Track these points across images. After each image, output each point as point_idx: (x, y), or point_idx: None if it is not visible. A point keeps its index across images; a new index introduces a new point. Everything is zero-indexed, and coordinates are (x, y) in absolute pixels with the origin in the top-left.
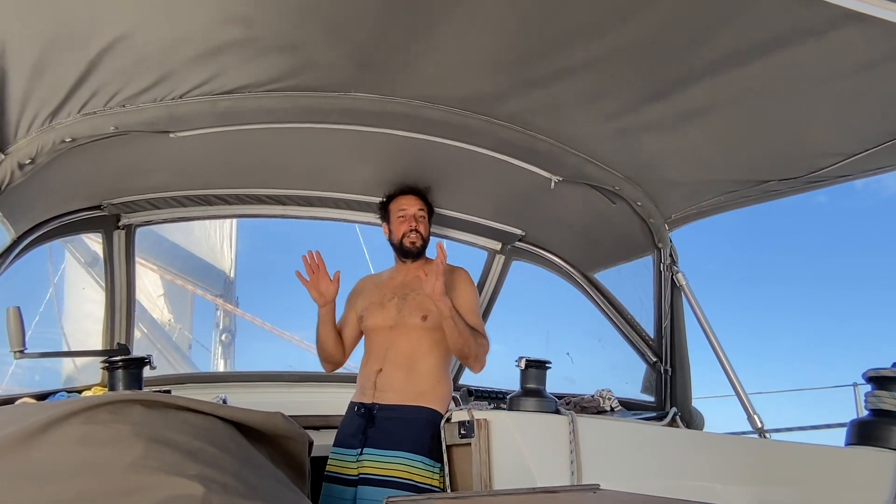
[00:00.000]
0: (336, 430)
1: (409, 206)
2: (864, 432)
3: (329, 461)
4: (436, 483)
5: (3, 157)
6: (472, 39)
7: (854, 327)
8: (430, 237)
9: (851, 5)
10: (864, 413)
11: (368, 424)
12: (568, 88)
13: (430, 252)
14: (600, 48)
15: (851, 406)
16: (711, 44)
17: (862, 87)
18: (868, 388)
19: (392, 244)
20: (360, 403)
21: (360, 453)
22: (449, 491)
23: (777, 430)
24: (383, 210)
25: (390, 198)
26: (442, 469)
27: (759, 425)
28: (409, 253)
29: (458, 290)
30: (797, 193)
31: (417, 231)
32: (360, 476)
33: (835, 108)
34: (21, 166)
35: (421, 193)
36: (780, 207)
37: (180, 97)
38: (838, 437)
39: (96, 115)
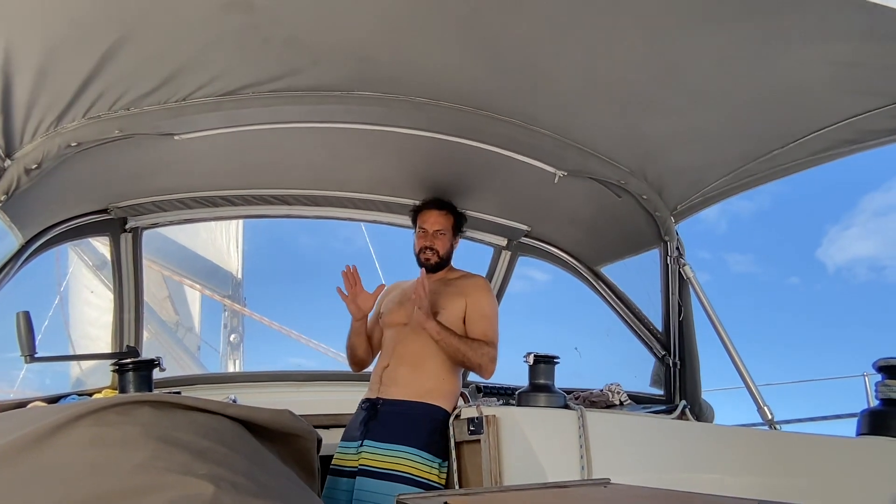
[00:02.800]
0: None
1: (428, 225)
2: (876, 422)
3: (335, 455)
4: (435, 478)
5: (9, 162)
6: (472, 34)
7: (863, 317)
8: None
9: None
10: (875, 403)
11: (371, 418)
12: (568, 77)
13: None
14: (599, 33)
15: (862, 396)
16: (708, 10)
17: (861, 48)
18: (878, 377)
19: (415, 254)
20: (367, 398)
21: (361, 445)
22: (458, 487)
23: (787, 422)
24: (413, 220)
25: (419, 209)
26: (446, 465)
27: (770, 417)
28: (424, 267)
29: (473, 296)
30: (803, 169)
31: (433, 248)
32: (360, 468)
33: (835, 70)
34: (28, 171)
35: (446, 206)
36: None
37: (184, 99)
38: (849, 427)
39: (101, 119)
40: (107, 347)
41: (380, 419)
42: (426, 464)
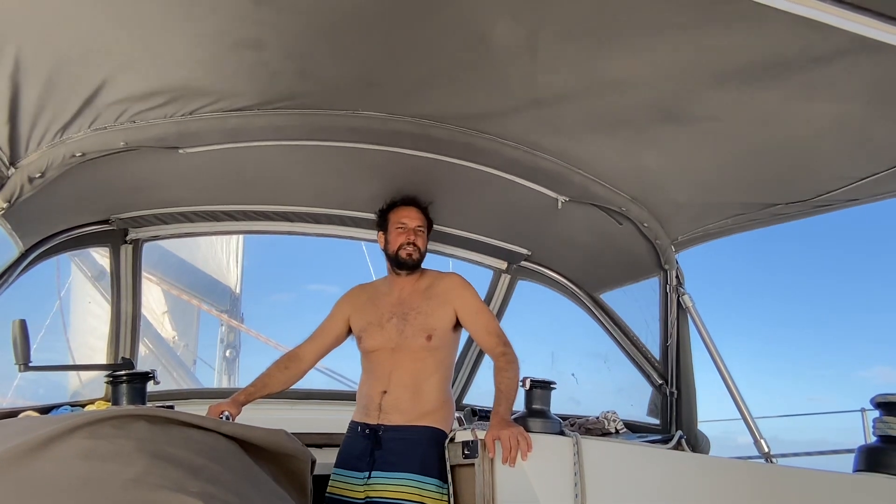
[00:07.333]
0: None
1: (409, 220)
2: (873, 459)
3: (331, 483)
4: None
5: (13, 170)
6: (477, 58)
7: (863, 350)
8: (427, 252)
9: (861, 31)
10: (873, 439)
11: (375, 446)
12: (575, 108)
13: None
14: (607, 67)
15: (860, 432)
16: (720, 64)
17: (870, 111)
18: (876, 413)
19: (387, 254)
20: (365, 424)
21: (369, 476)
22: None
23: (784, 455)
24: (382, 218)
25: (390, 207)
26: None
27: (766, 450)
28: (404, 265)
29: (459, 299)
30: (804, 217)
31: (415, 245)
32: (368, 499)
33: (843, 131)
34: (31, 180)
35: (422, 206)
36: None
37: (190, 114)
38: (846, 463)
39: (107, 131)
40: (104, 359)
41: (385, 447)
42: (437, 490)
